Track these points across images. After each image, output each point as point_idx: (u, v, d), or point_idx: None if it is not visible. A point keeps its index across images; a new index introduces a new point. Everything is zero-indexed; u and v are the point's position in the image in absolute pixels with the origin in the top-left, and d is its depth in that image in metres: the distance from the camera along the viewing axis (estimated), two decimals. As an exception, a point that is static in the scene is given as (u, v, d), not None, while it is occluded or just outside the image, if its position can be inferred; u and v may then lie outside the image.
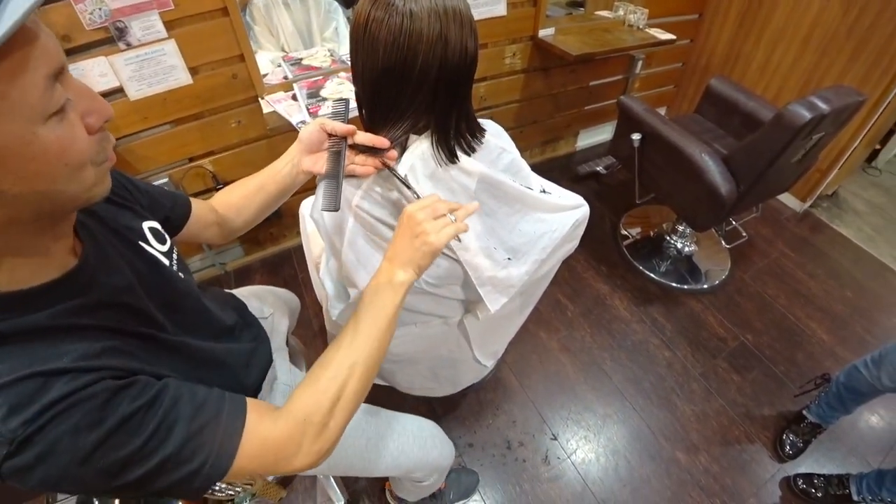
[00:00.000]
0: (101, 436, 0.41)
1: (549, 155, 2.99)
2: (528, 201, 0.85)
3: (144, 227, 0.66)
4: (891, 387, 1.31)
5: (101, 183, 0.46)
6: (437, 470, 1.03)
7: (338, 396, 0.57)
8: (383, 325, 0.63)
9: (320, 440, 0.55)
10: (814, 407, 1.59)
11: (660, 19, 2.43)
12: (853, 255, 2.39)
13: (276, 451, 0.52)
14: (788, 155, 1.53)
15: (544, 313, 2.00)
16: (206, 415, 0.49)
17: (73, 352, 0.43)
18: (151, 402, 0.45)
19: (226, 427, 0.50)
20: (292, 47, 2.07)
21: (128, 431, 0.43)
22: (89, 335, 0.47)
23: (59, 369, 0.42)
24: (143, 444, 0.44)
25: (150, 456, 0.44)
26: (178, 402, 0.48)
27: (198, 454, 0.47)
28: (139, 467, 0.44)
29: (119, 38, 1.36)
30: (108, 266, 0.54)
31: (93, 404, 0.42)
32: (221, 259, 2.17)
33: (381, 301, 0.63)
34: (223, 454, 0.49)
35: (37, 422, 0.39)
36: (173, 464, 0.46)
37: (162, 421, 0.45)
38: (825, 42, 2.21)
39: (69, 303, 0.47)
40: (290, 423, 0.54)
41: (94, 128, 0.43)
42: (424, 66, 0.64)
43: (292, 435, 0.53)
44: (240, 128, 1.75)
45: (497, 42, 2.09)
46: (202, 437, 0.48)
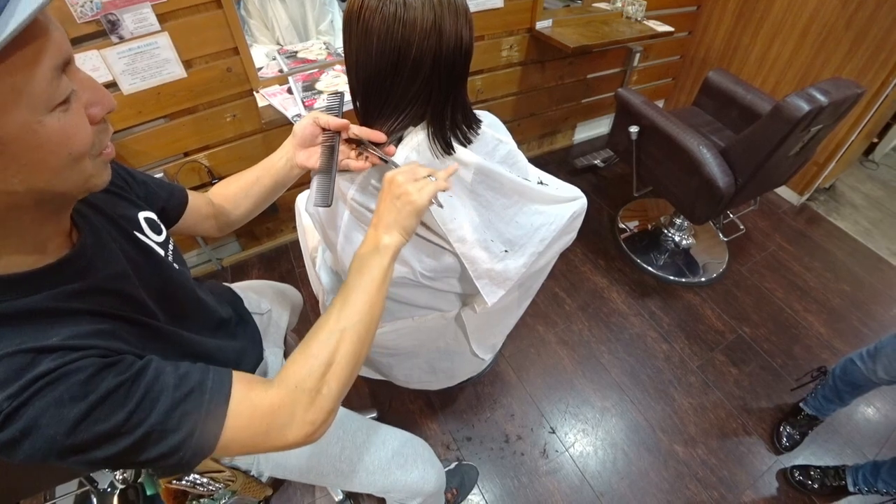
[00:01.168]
0: (85, 408, 0.42)
1: (546, 148, 2.99)
2: (525, 193, 0.84)
3: (140, 217, 0.66)
4: (886, 379, 1.32)
5: (100, 174, 0.47)
6: (419, 493, 0.96)
7: (329, 362, 0.55)
8: (373, 290, 0.62)
9: (313, 408, 0.53)
10: (810, 399, 1.59)
11: (658, 11, 2.42)
12: (850, 248, 2.40)
13: (268, 419, 0.51)
14: (786, 148, 1.52)
15: (542, 307, 1.99)
16: (190, 383, 0.48)
17: (62, 333, 0.44)
18: (136, 376, 0.46)
19: (212, 395, 0.49)
20: (287, 40, 2.05)
21: (112, 404, 0.43)
22: (81, 319, 0.47)
23: (48, 346, 0.42)
24: (127, 416, 0.44)
25: (136, 427, 0.44)
26: (162, 375, 0.48)
27: (184, 423, 0.46)
28: (125, 439, 0.44)
29: (111, 31, 1.34)
30: (104, 253, 0.54)
31: (77, 378, 0.42)
32: (218, 254, 2.16)
33: (370, 266, 0.62)
34: (211, 422, 0.48)
35: (21, 396, 0.40)
36: (159, 434, 0.45)
37: (146, 392, 0.45)
38: (823, 34, 2.20)
39: (63, 287, 0.47)
40: (282, 390, 0.52)
41: (97, 118, 0.44)
42: (419, 56, 0.64)
43: (283, 402, 0.52)
44: (235, 122, 1.73)
45: (494, 34, 2.08)
46: (187, 405, 0.47)
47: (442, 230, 0.76)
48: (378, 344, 1.02)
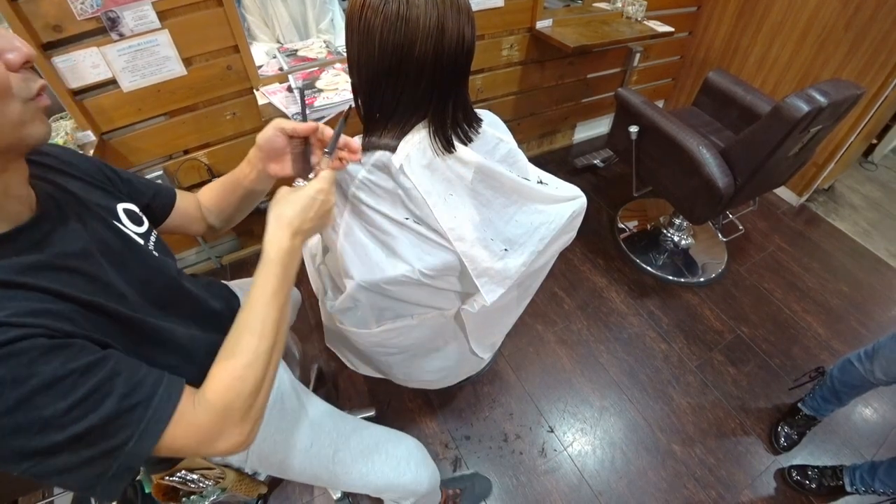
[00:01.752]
0: (24, 393, 0.40)
1: (546, 148, 2.99)
2: (524, 192, 0.84)
3: (119, 207, 0.66)
4: (884, 380, 1.32)
5: (33, 122, 0.47)
6: (413, 494, 0.96)
7: (258, 385, 0.55)
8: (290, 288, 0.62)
9: (242, 423, 0.54)
10: (808, 399, 1.60)
11: (658, 11, 2.42)
12: (849, 249, 2.40)
13: (197, 436, 0.51)
14: (786, 148, 1.52)
15: (541, 306, 2.00)
16: (140, 395, 0.48)
17: (8, 308, 0.42)
18: (87, 368, 0.44)
19: (155, 411, 0.48)
20: (287, 39, 2.05)
21: (55, 392, 0.42)
22: (30, 294, 0.46)
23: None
24: (68, 408, 0.42)
25: (76, 422, 0.43)
26: (115, 377, 0.47)
27: (122, 431, 0.46)
28: (60, 432, 0.42)
29: (111, 29, 1.34)
30: (65, 230, 0.54)
31: (19, 360, 0.41)
32: (217, 252, 2.16)
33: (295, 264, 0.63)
34: (147, 435, 0.47)
35: None
36: (97, 436, 0.44)
37: (95, 390, 0.44)
38: (823, 36, 2.21)
39: (14, 259, 0.46)
40: (211, 413, 0.52)
41: (13, 64, 0.44)
42: (421, 54, 0.64)
43: (214, 422, 0.52)
44: (235, 120, 1.73)
45: (494, 34, 2.08)
46: (132, 415, 0.47)
47: (442, 228, 0.76)
48: (377, 343, 1.02)
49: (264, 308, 0.58)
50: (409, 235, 0.79)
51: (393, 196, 0.76)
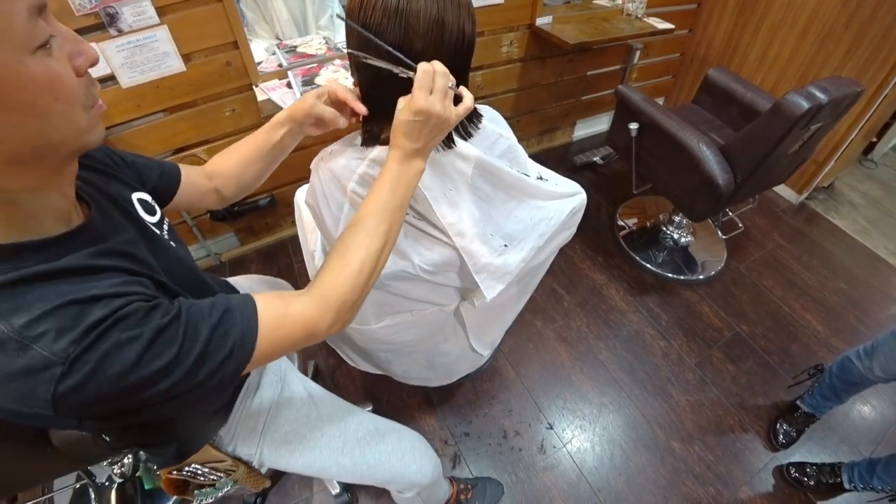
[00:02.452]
0: (143, 346, 0.45)
1: (545, 145, 2.98)
2: (524, 188, 0.84)
3: (133, 197, 0.67)
4: (882, 377, 1.33)
5: (94, 129, 0.48)
6: (416, 485, 0.99)
7: (370, 277, 0.62)
8: (406, 207, 0.66)
9: (353, 312, 0.62)
10: (807, 397, 1.60)
11: (658, 8, 2.42)
12: (848, 247, 2.40)
13: (309, 328, 0.58)
14: (786, 146, 1.52)
15: (540, 302, 2.00)
16: (220, 308, 0.53)
17: (101, 285, 0.46)
18: (178, 314, 0.49)
19: (241, 311, 0.54)
20: (287, 35, 2.04)
21: (165, 341, 0.46)
22: (111, 274, 0.50)
23: (93, 296, 0.45)
24: (178, 348, 0.47)
25: (187, 356, 0.48)
26: (193, 308, 0.51)
27: (226, 341, 0.51)
28: (179, 369, 0.47)
29: (110, 24, 1.34)
30: (112, 223, 0.57)
31: (131, 321, 0.45)
32: (216, 249, 2.15)
33: (407, 184, 0.65)
34: (247, 335, 0.53)
35: (84, 340, 0.42)
36: (207, 355, 0.49)
37: (187, 324, 0.49)
38: (823, 33, 2.20)
39: (87, 249, 0.50)
40: (323, 304, 0.59)
41: (81, 69, 0.44)
42: (421, 49, 0.63)
43: (324, 314, 0.58)
44: (234, 116, 1.73)
45: (494, 30, 2.08)
46: (224, 325, 0.52)
47: (442, 224, 0.76)
48: (377, 339, 1.02)
49: (376, 213, 0.64)
50: (409, 231, 0.79)
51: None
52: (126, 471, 1.19)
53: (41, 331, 0.41)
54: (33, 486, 1.29)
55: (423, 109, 0.61)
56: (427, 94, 0.61)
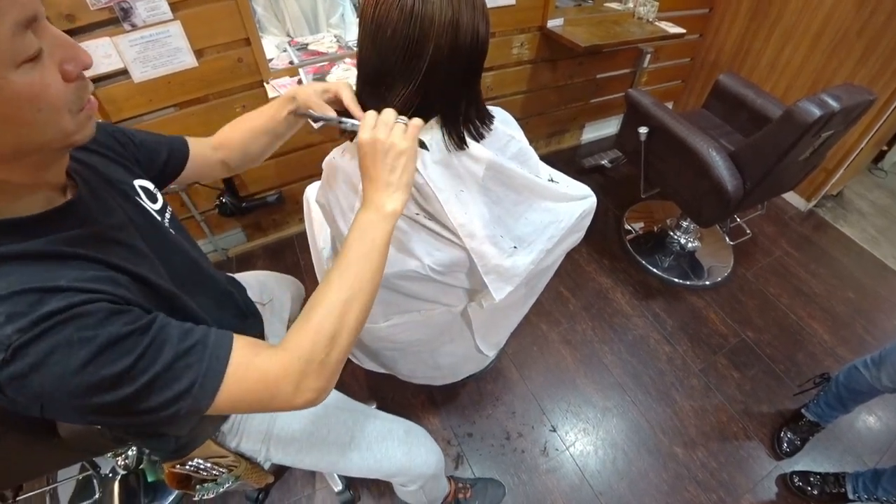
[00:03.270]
0: (92, 351, 0.43)
1: (554, 147, 2.98)
2: (535, 190, 0.84)
3: (136, 184, 0.68)
4: (890, 387, 1.31)
5: (81, 130, 0.48)
6: (420, 477, 1.00)
7: (333, 335, 0.56)
8: (376, 258, 0.61)
9: (318, 377, 0.55)
10: (812, 406, 1.59)
11: (669, 13, 2.41)
12: (856, 255, 2.39)
13: (274, 387, 0.53)
14: (796, 153, 1.51)
15: (546, 305, 1.99)
16: (194, 338, 0.50)
17: (68, 275, 0.45)
18: (145, 327, 0.47)
19: (213, 349, 0.50)
20: (298, 33, 2.05)
21: (119, 351, 0.44)
22: (85, 264, 0.48)
23: (56, 287, 0.43)
24: (133, 363, 0.45)
25: (140, 375, 0.45)
26: (167, 328, 0.49)
27: (185, 375, 0.48)
28: (127, 386, 0.45)
29: (124, 19, 1.35)
30: (101, 205, 0.57)
31: (87, 321, 0.43)
32: (223, 244, 2.16)
33: (372, 234, 0.61)
34: (210, 377, 0.49)
35: (32, 331, 0.41)
36: (163, 382, 0.47)
37: (152, 342, 0.47)
38: (836, 41, 2.19)
39: (65, 233, 0.49)
40: (287, 362, 0.53)
41: (71, 75, 0.44)
42: (435, 50, 0.63)
43: (289, 373, 0.53)
44: (244, 112, 1.73)
45: (505, 32, 2.08)
46: (190, 357, 0.49)
47: (452, 224, 0.76)
48: (384, 337, 1.03)
49: (339, 265, 0.60)
50: (420, 231, 0.79)
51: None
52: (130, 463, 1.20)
53: None
54: (39, 476, 1.30)
55: (366, 140, 0.62)
56: (370, 129, 0.62)
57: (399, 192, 0.63)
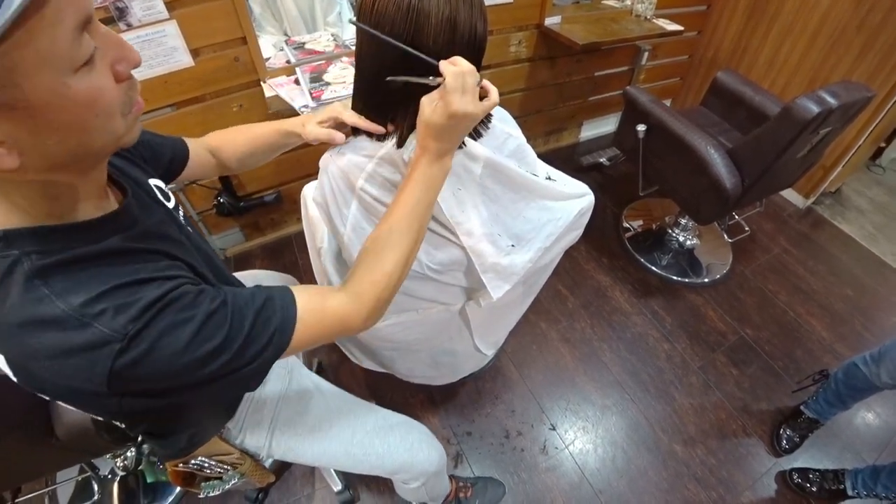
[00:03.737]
0: (195, 328, 0.47)
1: (552, 145, 2.98)
2: (533, 188, 0.84)
3: (151, 183, 0.69)
4: (889, 384, 1.31)
5: (131, 130, 0.48)
6: (423, 474, 1.01)
7: (400, 277, 0.64)
8: (430, 207, 0.67)
9: (379, 311, 0.63)
10: (811, 402, 1.59)
11: (667, 10, 2.40)
12: (855, 252, 2.39)
13: (343, 323, 0.60)
14: (794, 150, 1.51)
15: (544, 303, 1.99)
16: (262, 296, 0.55)
17: (147, 268, 0.49)
18: (224, 301, 0.51)
19: (281, 300, 0.56)
20: (295, 31, 2.04)
21: (215, 324, 0.49)
22: (153, 257, 0.52)
23: (145, 279, 0.47)
24: (227, 332, 0.49)
25: (234, 341, 0.50)
26: (237, 294, 0.53)
27: (267, 327, 0.53)
28: (228, 352, 0.49)
29: (119, 19, 1.34)
30: (142, 206, 0.59)
31: (182, 303, 0.47)
32: (222, 244, 2.16)
33: (437, 187, 0.66)
34: (286, 322, 0.55)
35: (142, 319, 0.44)
36: (252, 339, 0.51)
37: (234, 311, 0.51)
38: (834, 37, 2.19)
39: (128, 231, 0.52)
40: (356, 301, 0.61)
41: (123, 76, 0.44)
42: (433, 47, 0.63)
43: (359, 311, 0.61)
44: (241, 112, 1.73)
45: (503, 29, 2.07)
46: (266, 311, 0.54)
47: (450, 223, 0.75)
48: (382, 337, 1.02)
49: (408, 215, 0.65)
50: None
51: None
52: (129, 464, 1.20)
53: (100, 309, 0.43)
54: (38, 477, 1.30)
55: (459, 112, 0.60)
56: (461, 96, 0.59)
57: (454, 152, 0.67)
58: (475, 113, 0.62)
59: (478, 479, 1.45)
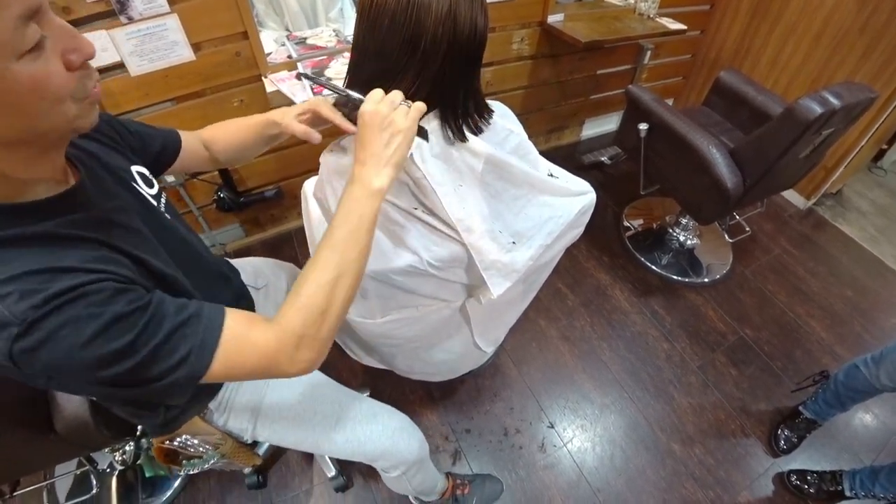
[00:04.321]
0: (99, 327, 0.46)
1: (553, 143, 2.97)
2: (534, 185, 0.83)
3: (133, 170, 0.70)
4: (889, 386, 1.31)
5: (85, 116, 0.50)
6: (403, 462, 1.02)
7: (324, 310, 0.58)
8: (363, 234, 0.61)
9: (310, 350, 0.58)
10: (810, 403, 1.59)
11: (670, 9, 2.40)
12: (855, 254, 2.39)
13: (269, 358, 0.56)
14: (797, 150, 1.51)
15: (544, 301, 1.99)
16: (189, 311, 0.53)
17: (75, 256, 0.48)
18: (146, 305, 0.50)
19: (207, 321, 0.54)
20: (296, 26, 2.03)
21: (123, 327, 0.47)
22: (89, 245, 0.51)
23: (65, 267, 0.47)
24: (135, 337, 0.48)
25: (142, 347, 0.49)
26: (164, 304, 0.52)
27: (183, 343, 0.51)
28: (132, 358, 0.48)
29: (120, 12, 1.33)
30: (102, 190, 0.60)
31: (94, 299, 0.46)
32: (221, 239, 2.15)
33: (359, 211, 0.61)
34: (206, 345, 0.53)
35: (44, 308, 0.44)
36: (163, 353, 0.50)
37: (151, 318, 0.50)
38: (837, 38, 2.18)
39: (70, 216, 0.52)
40: (281, 334, 0.56)
41: (74, 64, 0.45)
42: (433, 41, 0.63)
43: (283, 346, 0.56)
44: (242, 107, 1.72)
45: (505, 27, 2.06)
46: (186, 328, 0.52)
47: (451, 219, 0.75)
48: (381, 333, 1.02)
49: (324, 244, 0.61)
50: (418, 225, 0.78)
51: (402, 185, 0.75)
52: (127, 458, 1.20)
53: (7, 291, 0.43)
54: (36, 470, 1.30)
55: (369, 111, 0.61)
56: (375, 102, 0.61)
57: (388, 169, 0.62)
58: (387, 114, 0.61)
59: (475, 476, 1.45)
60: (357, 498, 1.44)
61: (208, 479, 1.46)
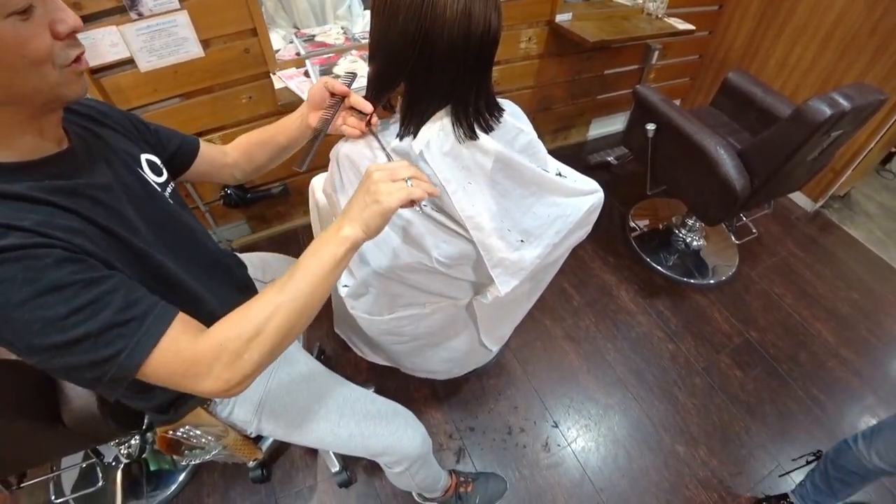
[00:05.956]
0: (32, 292, 0.46)
1: (560, 143, 2.97)
2: (543, 183, 0.83)
3: (142, 157, 0.73)
4: (881, 467, 1.12)
5: (69, 84, 0.53)
6: (406, 458, 1.03)
7: (258, 330, 0.57)
8: (320, 274, 0.61)
9: (231, 369, 0.55)
10: (798, 488, 1.41)
11: (679, 9, 2.39)
12: (862, 257, 2.37)
13: (186, 365, 0.54)
14: (805, 152, 1.50)
15: (550, 301, 1.99)
16: (135, 311, 0.52)
17: (34, 218, 0.49)
18: (91, 281, 0.50)
19: (148, 327, 0.52)
20: (305, 24, 2.04)
21: (57, 297, 0.47)
22: (55, 211, 0.51)
23: (19, 226, 0.47)
24: (68, 313, 0.47)
25: (71, 328, 0.48)
26: (115, 293, 0.51)
27: (115, 342, 0.50)
28: (59, 334, 0.47)
29: (130, 8, 1.34)
30: (92, 166, 0.61)
31: (35, 263, 0.47)
32: (228, 236, 2.16)
33: (322, 252, 0.62)
34: (137, 351, 0.51)
35: None
36: (92, 342, 0.49)
37: (93, 301, 0.49)
38: (847, 40, 2.17)
39: (46, 182, 0.53)
40: (206, 344, 0.55)
41: (60, 34, 0.50)
42: (447, 40, 0.63)
43: (205, 355, 0.55)
44: (251, 103, 1.73)
45: (513, 25, 2.06)
46: (125, 328, 0.51)
47: (460, 217, 0.75)
48: (388, 330, 1.02)
49: (290, 269, 0.62)
50: (427, 223, 0.78)
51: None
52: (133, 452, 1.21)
53: None
54: (43, 462, 1.31)
55: (370, 170, 0.63)
56: (379, 168, 0.63)
57: (358, 226, 0.62)
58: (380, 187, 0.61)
59: (479, 474, 1.45)
60: (361, 494, 1.44)
61: (213, 473, 1.46)
